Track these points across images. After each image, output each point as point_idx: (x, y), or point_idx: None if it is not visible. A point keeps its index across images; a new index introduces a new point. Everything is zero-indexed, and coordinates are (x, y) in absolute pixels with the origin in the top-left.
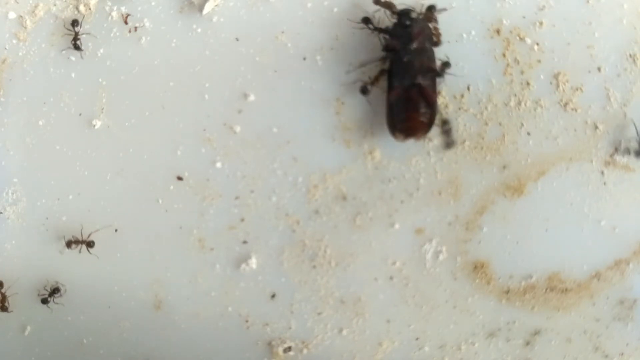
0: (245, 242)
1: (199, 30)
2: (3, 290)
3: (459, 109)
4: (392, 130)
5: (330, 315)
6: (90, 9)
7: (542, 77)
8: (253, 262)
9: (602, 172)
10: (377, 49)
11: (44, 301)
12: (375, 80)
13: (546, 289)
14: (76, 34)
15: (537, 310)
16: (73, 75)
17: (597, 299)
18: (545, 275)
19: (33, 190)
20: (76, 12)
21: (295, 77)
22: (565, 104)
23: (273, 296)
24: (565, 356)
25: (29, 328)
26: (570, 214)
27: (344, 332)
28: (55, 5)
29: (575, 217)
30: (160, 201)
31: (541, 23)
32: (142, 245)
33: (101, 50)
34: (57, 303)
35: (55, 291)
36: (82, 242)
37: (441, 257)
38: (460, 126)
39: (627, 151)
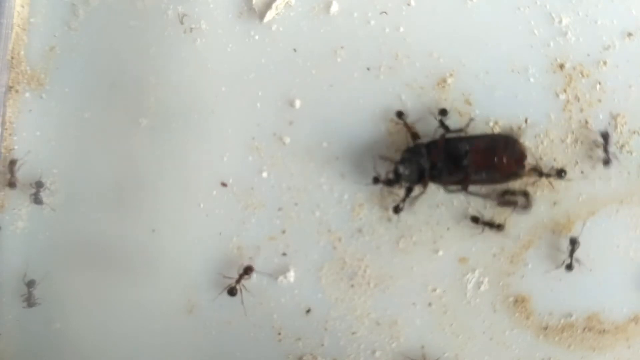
0: (284, 254)
1: (257, 37)
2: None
3: None
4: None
5: (364, 335)
6: (145, 4)
7: (601, 116)
8: (291, 275)
9: None
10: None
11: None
12: (405, 199)
13: (584, 329)
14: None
15: (573, 349)
16: (123, 70)
17: (632, 342)
18: (585, 315)
19: (72, 182)
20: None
21: (351, 93)
22: (622, 146)
23: (308, 311)
24: None
25: (58, 324)
26: (615, 256)
27: (377, 353)
28: None
29: (620, 259)
30: (202, 205)
31: (605, 62)
32: (179, 247)
33: (153, 49)
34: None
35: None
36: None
37: (482, 288)
38: None
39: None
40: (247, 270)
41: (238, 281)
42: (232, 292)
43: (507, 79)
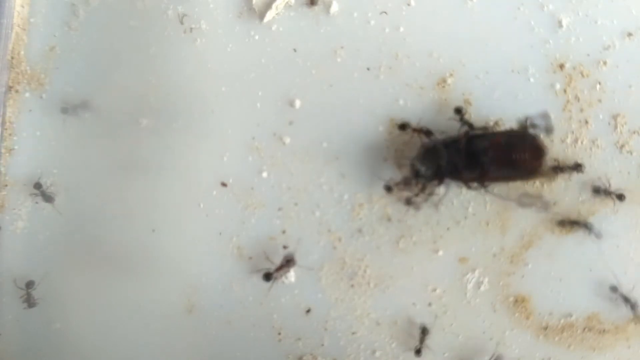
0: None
1: (257, 37)
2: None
3: None
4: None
5: (364, 335)
6: (145, 4)
7: (601, 116)
8: (291, 275)
9: None
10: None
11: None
12: (418, 194)
13: (584, 329)
14: None
15: (572, 349)
16: (123, 70)
17: (632, 342)
18: (584, 315)
19: (72, 182)
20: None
21: (350, 93)
22: (622, 146)
23: (308, 311)
24: None
25: (58, 324)
26: (616, 256)
27: (377, 353)
28: None
29: (620, 259)
30: (202, 205)
31: (605, 62)
32: (179, 247)
33: (153, 49)
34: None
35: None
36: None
37: (482, 288)
38: None
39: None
40: (290, 264)
41: (278, 270)
42: (268, 277)
43: (507, 79)
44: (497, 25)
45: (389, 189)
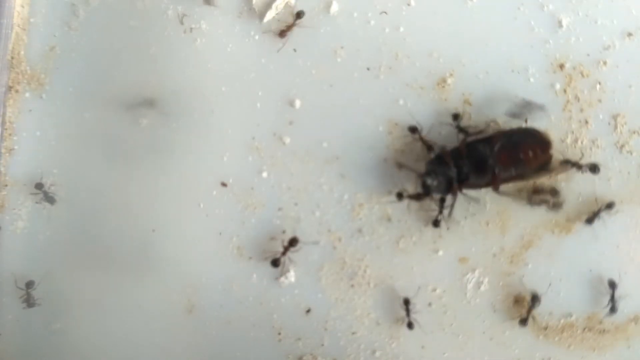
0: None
1: (257, 37)
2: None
3: None
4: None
5: (364, 335)
6: (145, 4)
7: (601, 116)
8: (291, 275)
9: None
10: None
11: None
12: (441, 211)
13: (584, 329)
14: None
15: (572, 349)
16: (123, 69)
17: (632, 342)
18: (584, 315)
19: (72, 183)
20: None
21: (350, 93)
22: (622, 146)
23: (308, 311)
24: None
25: (58, 324)
26: (615, 256)
27: (377, 353)
28: None
29: (620, 259)
30: (202, 205)
31: (605, 62)
32: (179, 247)
33: (153, 49)
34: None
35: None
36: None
37: (482, 288)
38: None
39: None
40: (292, 242)
41: (284, 253)
42: (275, 263)
43: (507, 79)
44: (497, 25)
45: (400, 196)
